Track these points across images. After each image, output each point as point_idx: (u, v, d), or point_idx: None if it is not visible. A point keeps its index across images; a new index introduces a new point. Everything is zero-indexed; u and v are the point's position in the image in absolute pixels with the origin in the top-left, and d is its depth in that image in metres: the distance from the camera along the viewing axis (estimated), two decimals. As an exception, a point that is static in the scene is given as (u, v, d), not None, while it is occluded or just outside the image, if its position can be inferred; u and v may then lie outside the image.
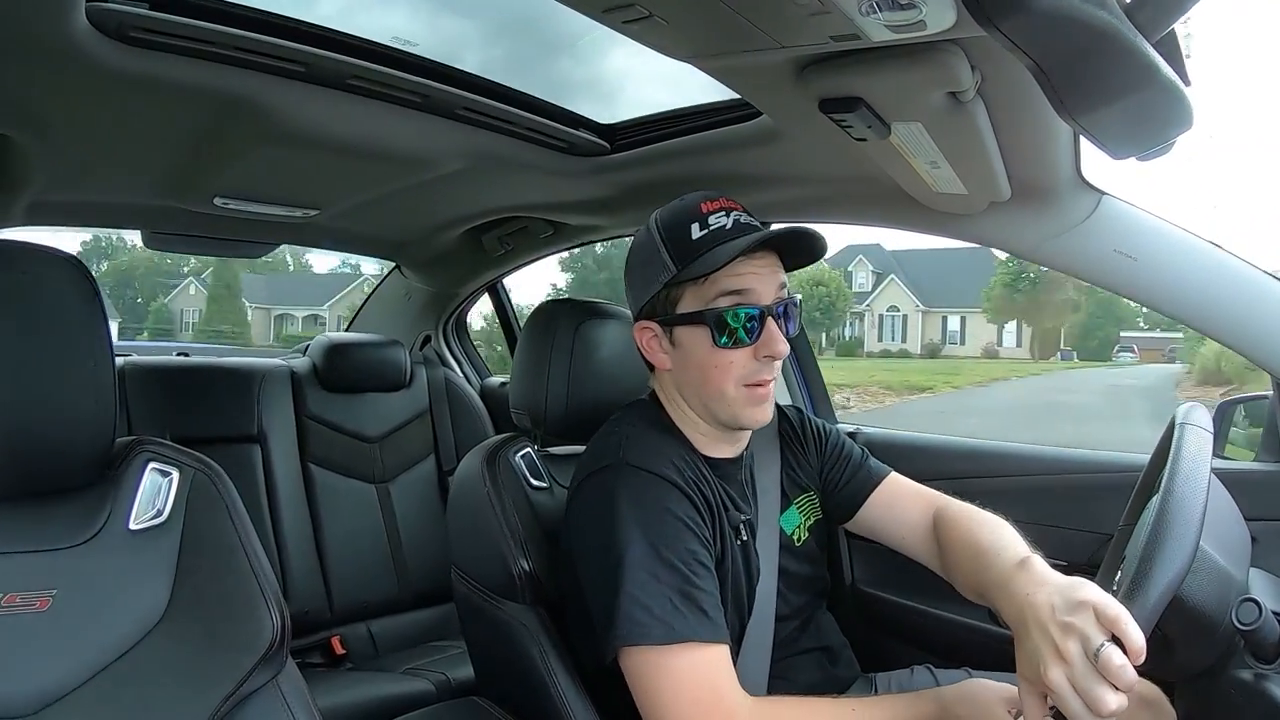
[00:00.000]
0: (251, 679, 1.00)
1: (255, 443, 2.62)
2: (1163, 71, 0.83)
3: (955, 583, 1.36)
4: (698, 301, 1.29)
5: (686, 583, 1.18)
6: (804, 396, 2.39)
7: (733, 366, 1.28)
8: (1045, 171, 1.49)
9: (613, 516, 1.23)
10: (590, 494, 1.30)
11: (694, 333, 1.30)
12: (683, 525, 1.23)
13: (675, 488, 1.25)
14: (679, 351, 1.33)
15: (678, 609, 1.16)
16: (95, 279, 1.00)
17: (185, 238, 2.58)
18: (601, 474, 1.29)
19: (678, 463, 1.29)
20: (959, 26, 0.92)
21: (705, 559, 1.23)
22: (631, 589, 1.17)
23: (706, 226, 1.29)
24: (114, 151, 1.81)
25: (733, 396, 1.30)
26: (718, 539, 1.30)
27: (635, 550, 1.19)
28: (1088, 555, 1.64)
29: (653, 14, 1.02)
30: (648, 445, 1.31)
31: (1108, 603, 0.94)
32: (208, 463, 1.10)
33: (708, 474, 1.34)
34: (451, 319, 3.36)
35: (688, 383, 1.35)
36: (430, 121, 1.67)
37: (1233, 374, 14.34)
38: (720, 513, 1.32)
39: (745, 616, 1.35)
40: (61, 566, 0.98)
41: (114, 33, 1.25)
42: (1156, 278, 1.54)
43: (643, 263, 1.35)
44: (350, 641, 2.62)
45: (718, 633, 1.18)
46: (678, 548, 1.20)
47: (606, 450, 1.32)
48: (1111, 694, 0.90)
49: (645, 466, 1.26)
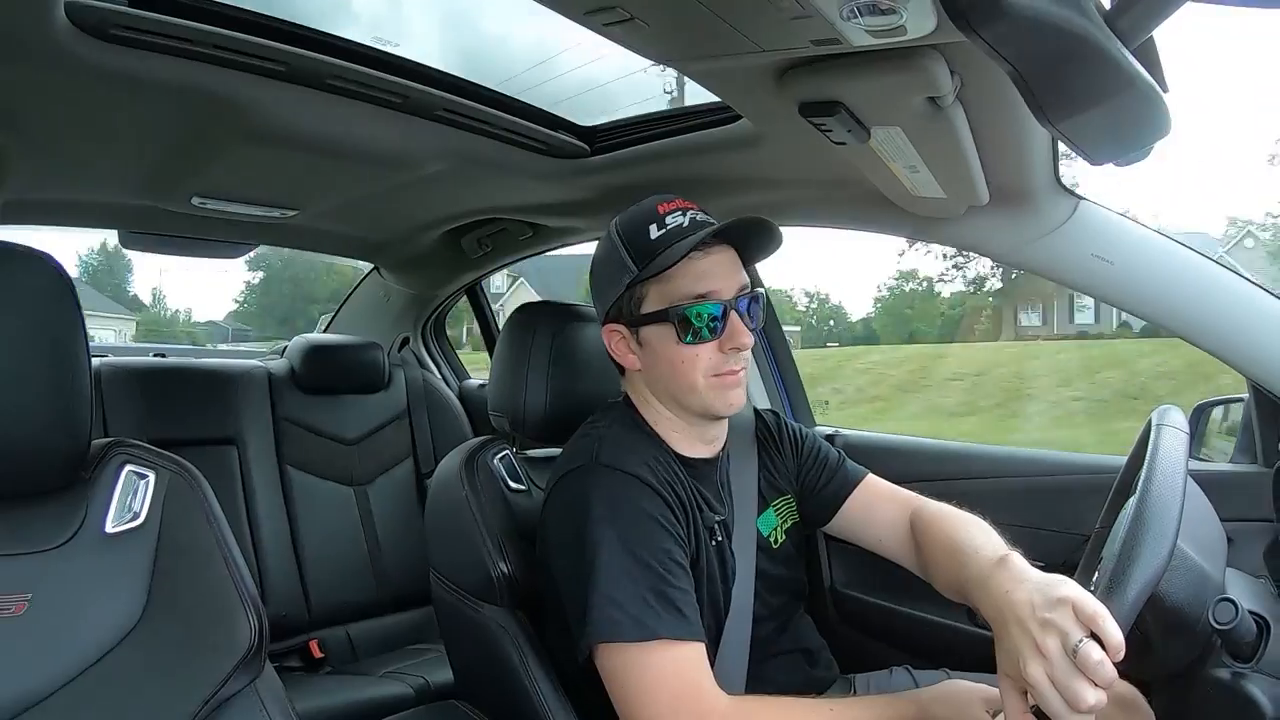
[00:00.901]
0: (229, 683, 0.99)
1: (232, 445, 2.60)
2: (1141, 77, 0.84)
3: (934, 582, 1.36)
4: (661, 300, 1.31)
5: (661, 581, 1.18)
6: (783, 399, 2.40)
7: (699, 360, 1.30)
8: (1023, 176, 1.50)
9: (586, 516, 1.24)
10: (564, 494, 1.31)
11: (660, 331, 1.32)
12: (656, 524, 1.23)
13: (648, 487, 1.26)
14: (646, 351, 1.35)
15: (651, 607, 1.16)
16: (70, 278, 0.99)
17: (162, 238, 2.56)
18: (575, 474, 1.31)
19: (651, 463, 1.30)
20: (939, 32, 0.92)
21: (680, 558, 1.23)
22: (604, 587, 1.18)
23: (664, 226, 1.32)
24: (92, 150, 1.79)
25: (702, 387, 1.32)
26: (692, 539, 1.30)
27: (608, 549, 1.20)
28: (1065, 556, 1.65)
29: (634, 17, 1.02)
30: (622, 445, 1.32)
31: (1086, 599, 0.94)
32: (185, 465, 1.09)
33: (682, 474, 1.35)
34: (430, 321, 3.35)
35: (658, 380, 1.36)
36: (410, 122, 1.66)
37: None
38: (694, 513, 1.32)
39: (722, 618, 1.35)
40: (37, 570, 0.96)
41: (93, 30, 1.23)
42: (1133, 282, 1.56)
43: (605, 267, 1.38)
44: (329, 645, 2.61)
45: (693, 631, 1.19)
46: (651, 546, 1.21)
47: (580, 451, 1.34)
48: (1090, 689, 0.90)
49: (618, 466, 1.27)
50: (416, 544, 1.67)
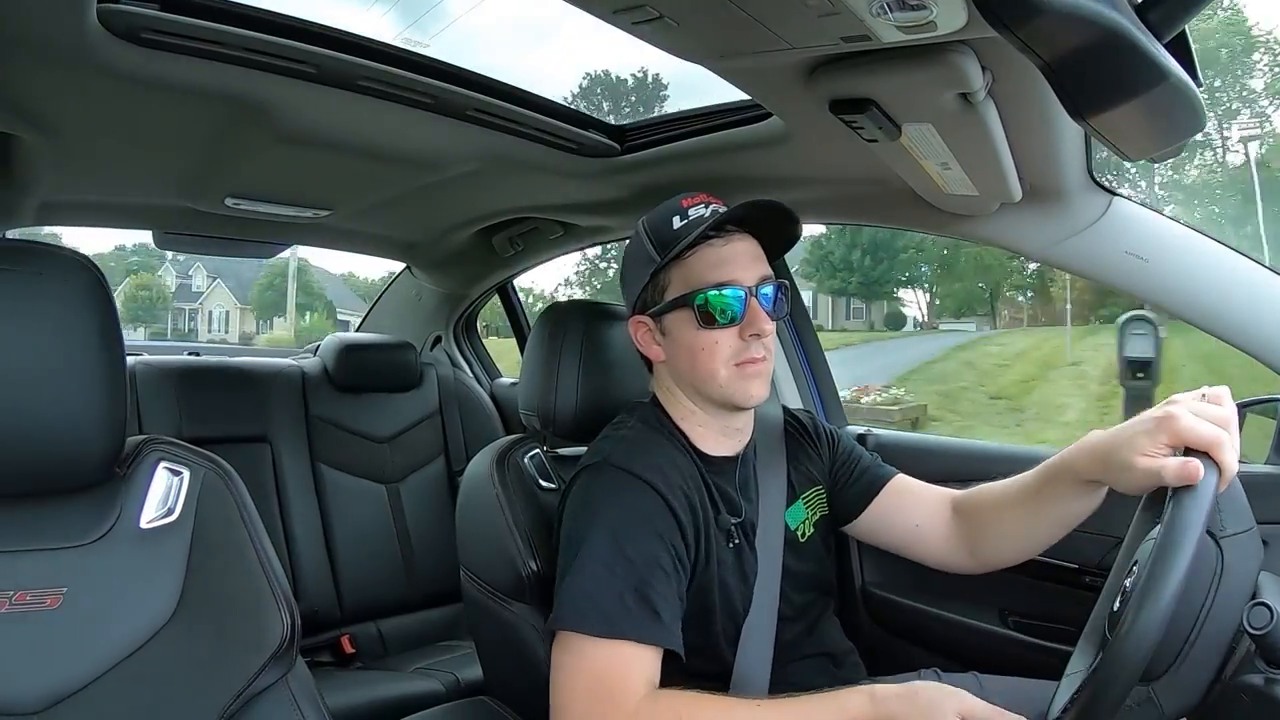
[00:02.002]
0: (261, 677, 1.01)
1: (265, 443, 2.64)
2: (1174, 72, 0.83)
3: (1002, 532, 1.40)
4: (682, 286, 1.33)
5: (643, 582, 1.18)
6: (814, 396, 2.38)
7: (719, 347, 1.32)
8: (1056, 172, 1.48)
9: (586, 512, 1.26)
10: (572, 492, 1.33)
11: (680, 317, 1.34)
12: (650, 527, 1.23)
13: (653, 491, 1.26)
14: (669, 340, 1.37)
15: (626, 605, 1.16)
16: (106, 277, 1.01)
17: (196, 238, 2.60)
18: (585, 473, 1.33)
19: (664, 465, 1.30)
20: (970, 27, 0.91)
21: (668, 565, 1.22)
22: (580, 577, 1.19)
23: (686, 217, 1.34)
24: (125, 152, 1.81)
25: (724, 376, 1.33)
26: (700, 544, 1.30)
27: (596, 542, 1.21)
28: (1099, 558, 1.63)
29: (663, 15, 1.02)
30: (636, 447, 1.33)
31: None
32: (219, 462, 1.11)
33: (701, 475, 1.35)
34: (462, 319, 3.37)
35: (681, 370, 1.38)
36: (440, 122, 1.67)
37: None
38: (707, 516, 1.32)
39: (740, 619, 1.34)
40: (72, 565, 0.98)
41: (124, 34, 1.25)
42: (1167, 279, 1.53)
43: (633, 261, 1.40)
44: (360, 641, 2.63)
45: (661, 635, 1.17)
46: (640, 547, 1.21)
47: (595, 451, 1.36)
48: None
49: (626, 467, 1.28)
50: (448, 541, 1.68)
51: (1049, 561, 1.68)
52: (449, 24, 51.66)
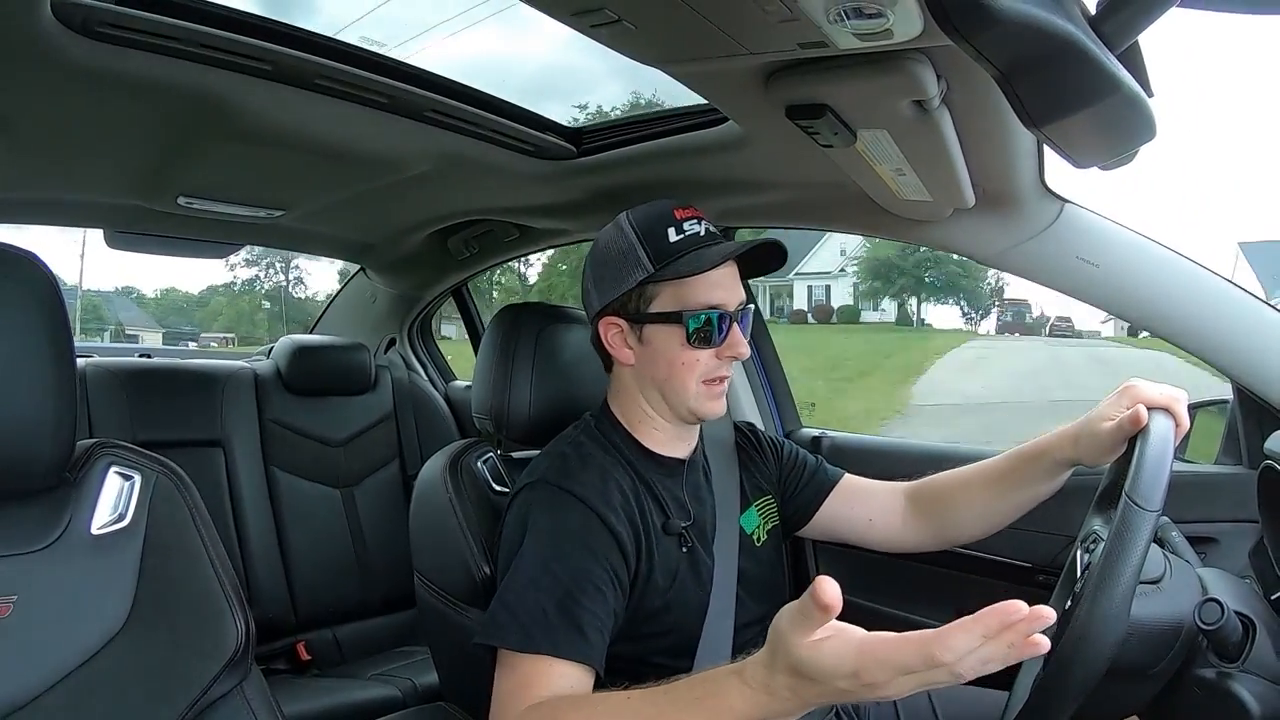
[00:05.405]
0: (216, 685, 1.00)
1: (218, 446, 2.60)
2: (1126, 82, 0.84)
3: (970, 511, 1.47)
4: (674, 302, 1.33)
5: (568, 597, 1.17)
6: (770, 406, 2.39)
7: (698, 364, 1.34)
8: (1009, 179, 1.50)
9: (519, 529, 1.26)
10: (510, 510, 1.33)
11: (666, 331, 1.34)
12: (582, 545, 1.23)
13: (587, 508, 1.26)
14: (646, 348, 1.36)
15: (547, 620, 1.15)
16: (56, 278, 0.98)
17: (148, 237, 2.55)
18: (523, 491, 1.33)
19: (602, 482, 1.30)
20: (926, 35, 0.93)
21: (600, 582, 1.21)
22: (505, 593, 1.20)
23: (682, 231, 1.34)
24: (77, 149, 1.78)
25: (694, 392, 1.35)
26: (642, 557, 1.30)
27: (524, 558, 1.22)
28: (1051, 558, 1.66)
29: (621, 18, 1.02)
30: (576, 464, 1.33)
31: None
32: (171, 466, 1.09)
33: (649, 483, 1.37)
34: (416, 322, 3.35)
35: (651, 378, 1.37)
36: (397, 123, 1.66)
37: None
38: (650, 525, 1.32)
39: (698, 627, 1.34)
40: (22, 572, 0.96)
41: (79, 27, 1.22)
42: (1118, 284, 1.57)
43: (615, 260, 1.37)
44: (316, 647, 2.61)
45: (584, 652, 1.15)
46: (570, 564, 1.20)
47: (534, 468, 1.36)
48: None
49: (562, 485, 1.28)
50: (403, 546, 1.67)
51: (1003, 560, 1.71)
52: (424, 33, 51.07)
